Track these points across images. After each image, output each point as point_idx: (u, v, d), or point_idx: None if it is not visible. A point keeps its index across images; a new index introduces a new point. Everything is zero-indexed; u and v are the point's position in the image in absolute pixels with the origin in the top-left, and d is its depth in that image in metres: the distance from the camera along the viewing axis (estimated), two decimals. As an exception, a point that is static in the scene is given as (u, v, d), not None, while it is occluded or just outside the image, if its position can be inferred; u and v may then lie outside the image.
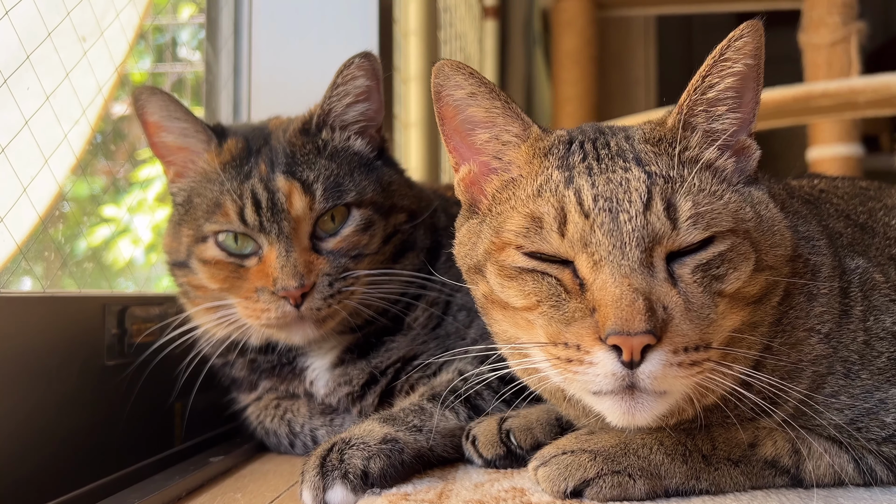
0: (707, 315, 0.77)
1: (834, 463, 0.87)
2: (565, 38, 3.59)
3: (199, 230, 1.20)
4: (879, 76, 2.24)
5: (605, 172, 0.82)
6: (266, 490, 1.06)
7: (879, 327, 0.90)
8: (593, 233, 0.78)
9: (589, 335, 0.76)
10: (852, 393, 0.88)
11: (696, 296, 0.77)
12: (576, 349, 0.77)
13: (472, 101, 0.88)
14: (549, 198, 0.82)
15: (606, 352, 0.75)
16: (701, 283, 0.78)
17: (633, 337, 0.73)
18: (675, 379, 0.75)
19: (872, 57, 3.59)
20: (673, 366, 0.74)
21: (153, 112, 1.21)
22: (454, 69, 0.87)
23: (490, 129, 0.89)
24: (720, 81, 0.85)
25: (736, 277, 0.79)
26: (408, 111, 2.44)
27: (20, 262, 1.18)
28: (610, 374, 0.75)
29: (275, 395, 1.30)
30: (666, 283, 0.77)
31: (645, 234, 0.77)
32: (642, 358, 0.74)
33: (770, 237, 0.83)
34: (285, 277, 1.13)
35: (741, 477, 0.86)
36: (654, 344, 0.73)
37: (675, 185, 0.80)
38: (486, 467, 1.03)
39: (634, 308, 0.73)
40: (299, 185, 1.18)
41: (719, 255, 0.79)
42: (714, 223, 0.79)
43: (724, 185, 0.83)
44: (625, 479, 0.84)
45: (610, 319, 0.74)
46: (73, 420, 1.15)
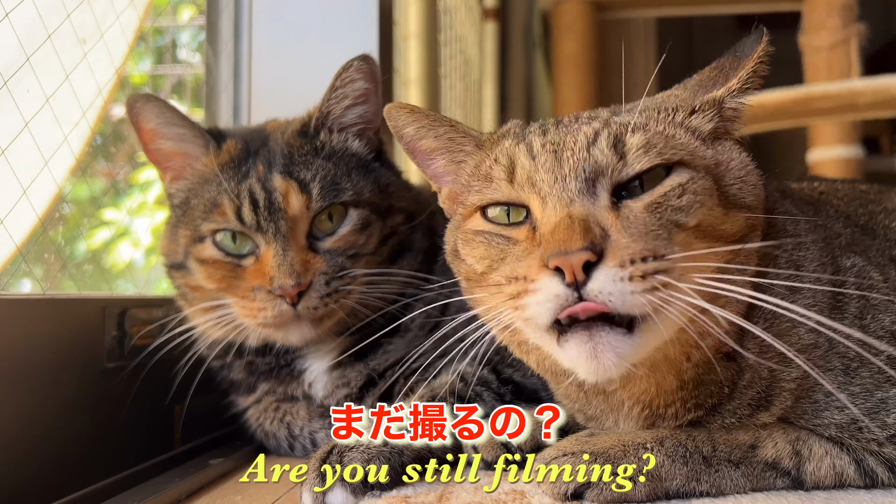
0: (655, 232, 0.77)
1: (835, 464, 0.87)
2: (565, 41, 3.59)
3: (196, 230, 1.20)
4: (879, 78, 2.24)
5: (559, 130, 0.86)
6: (266, 492, 1.06)
7: (878, 326, 0.89)
8: (537, 172, 0.82)
9: (535, 265, 0.77)
10: (852, 391, 0.87)
11: (642, 218, 0.78)
12: (523, 280, 0.78)
13: (422, 134, 0.95)
14: (501, 159, 0.87)
15: (551, 276, 0.75)
16: (654, 211, 0.78)
17: (572, 255, 0.73)
18: (632, 295, 0.72)
19: (872, 59, 3.59)
20: (623, 280, 0.72)
21: (149, 119, 1.21)
22: (398, 109, 0.94)
23: (445, 155, 0.96)
24: (751, 86, 0.89)
25: (700, 211, 0.79)
26: (408, 113, 2.43)
27: (20, 264, 1.18)
28: (553, 295, 0.74)
29: (274, 397, 1.30)
30: (606, 209, 0.78)
31: (585, 166, 0.80)
32: (588, 277, 0.73)
33: (743, 177, 0.85)
34: (282, 276, 1.13)
35: (742, 479, 0.86)
36: (594, 261, 0.73)
37: (632, 126, 0.83)
38: (486, 470, 1.03)
39: (571, 229, 0.75)
40: (296, 185, 1.18)
41: (678, 186, 0.80)
42: (665, 152, 0.81)
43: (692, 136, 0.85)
44: (625, 481, 0.84)
45: (550, 244, 0.75)
46: (73, 422, 1.15)
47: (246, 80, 1.85)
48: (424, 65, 2.45)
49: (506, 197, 0.85)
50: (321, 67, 1.79)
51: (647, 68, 4.75)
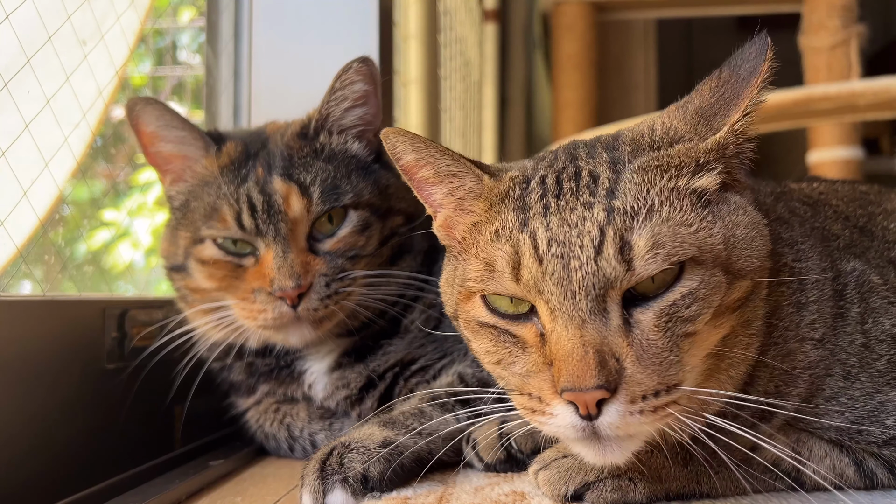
0: (667, 359, 0.74)
1: (835, 466, 0.87)
2: (565, 42, 3.60)
3: (196, 233, 1.20)
4: (880, 79, 2.24)
5: (562, 211, 0.78)
6: (266, 494, 1.06)
7: (878, 330, 0.89)
8: (545, 281, 0.76)
9: (548, 388, 0.76)
10: (852, 395, 0.87)
11: (654, 342, 0.74)
12: (538, 401, 0.77)
13: (421, 164, 0.89)
14: (503, 243, 0.80)
15: (564, 405, 0.74)
16: (664, 328, 0.75)
17: (586, 393, 0.72)
18: (638, 425, 0.74)
19: (873, 60, 3.59)
20: (634, 414, 0.73)
21: (149, 122, 1.21)
22: (396, 135, 0.88)
23: (445, 187, 0.90)
24: (756, 112, 0.80)
25: (709, 314, 0.76)
26: (408, 115, 2.44)
27: (20, 266, 1.18)
28: (570, 426, 0.75)
29: (274, 398, 1.30)
30: (619, 332, 0.74)
31: (595, 281, 0.74)
32: (599, 410, 0.73)
33: (749, 243, 0.80)
34: (282, 278, 1.14)
35: (742, 481, 0.85)
36: (608, 397, 0.72)
37: (639, 218, 0.76)
38: (486, 471, 1.03)
39: (585, 363, 0.72)
40: (296, 188, 1.18)
41: (689, 293, 0.75)
42: (677, 252, 0.75)
43: (701, 208, 0.78)
44: (625, 483, 0.84)
45: (563, 375, 0.73)
46: (73, 424, 1.15)
47: (246, 82, 1.85)
48: (424, 66, 2.45)
49: (510, 293, 0.80)
50: (321, 68, 1.79)
51: (647, 69, 4.75)
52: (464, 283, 0.85)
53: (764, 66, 0.79)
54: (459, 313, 0.88)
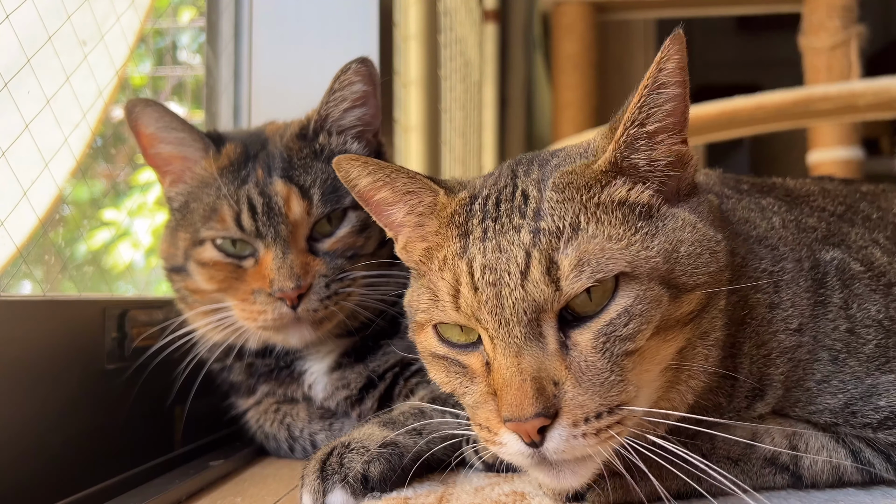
0: (607, 380, 0.74)
1: (831, 457, 0.87)
2: (565, 42, 3.60)
3: (195, 234, 1.20)
4: (879, 79, 2.24)
5: (497, 236, 0.78)
6: (266, 494, 1.06)
7: (864, 315, 0.90)
8: (481, 311, 0.77)
9: (494, 418, 0.76)
10: (842, 378, 0.88)
11: (593, 364, 0.74)
12: (488, 430, 0.78)
13: (377, 186, 0.89)
14: (447, 272, 0.81)
15: (510, 434, 0.75)
16: (602, 348, 0.74)
17: (525, 423, 0.72)
18: (584, 449, 0.74)
19: (873, 60, 3.59)
20: (577, 438, 0.73)
21: (148, 124, 1.21)
22: (349, 162, 0.89)
23: (403, 206, 0.90)
24: (657, 110, 0.79)
25: (649, 329, 0.75)
26: (408, 115, 2.44)
27: (20, 266, 1.18)
28: (518, 453, 0.75)
29: (274, 399, 1.30)
30: (556, 357, 0.74)
31: (526, 306, 0.74)
32: (543, 437, 0.73)
33: (695, 259, 0.79)
34: (282, 279, 1.14)
35: (741, 476, 0.85)
36: (548, 424, 0.73)
37: (562, 238, 0.76)
38: (486, 471, 1.03)
39: (522, 392, 0.72)
40: (297, 190, 1.18)
41: (624, 311, 0.75)
42: (604, 268, 0.74)
43: (634, 221, 0.78)
44: (626, 482, 0.84)
45: (504, 405, 0.74)
46: (73, 424, 1.15)
47: (246, 82, 1.85)
48: (425, 66, 2.46)
49: (454, 321, 0.81)
50: (322, 69, 1.79)
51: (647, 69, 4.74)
52: (415, 314, 0.87)
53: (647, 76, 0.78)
54: (416, 343, 0.89)
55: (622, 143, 0.80)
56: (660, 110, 0.79)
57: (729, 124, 2.44)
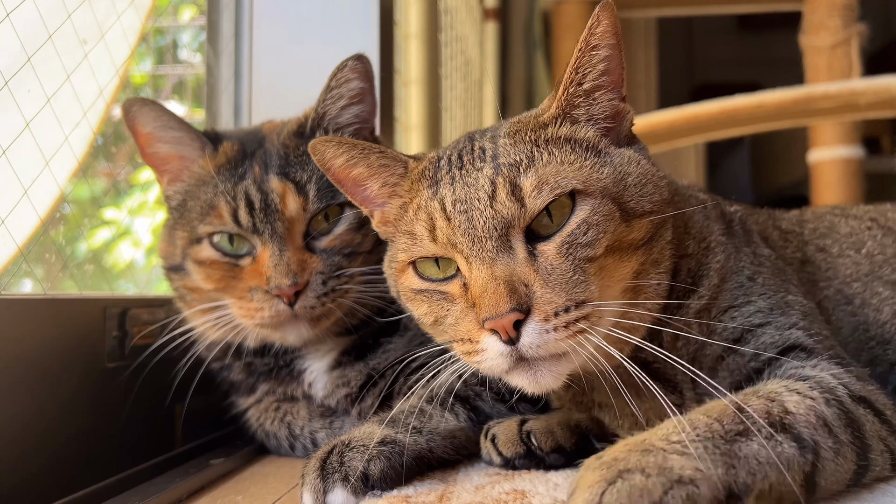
0: (572, 278, 0.84)
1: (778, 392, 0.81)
2: (566, 41, 3.59)
3: (193, 232, 1.20)
4: (880, 78, 2.24)
5: (463, 178, 0.90)
6: (266, 492, 1.06)
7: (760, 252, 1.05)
8: (455, 235, 0.88)
9: (475, 326, 0.86)
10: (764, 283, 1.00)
11: (558, 266, 0.84)
12: (469, 342, 0.86)
13: (352, 164, 0.99)
14: (421, 214, 0.92)
15: (489, 336, 0.84)
16: (566, 253, 0.84)
17: (502, 318, 0.81)
18: (557, 342, 0.82)
19: (873, 59, 3.59)
20: (549, 332, 0.81)
21: (146, 123, 1.21)
22: (325, 143, 0.98)
23: (377, 179, 1.00)
24: (591, 70, 0.92)
25: (606, 238, 0.86)
26: (408, 114, 2.44)
27: (21, 265, 1.18)
28: (499, 354, 0.83)
29: (274, 397, 1.30)
30: (525, 263, 0.85)
31: (496, 223, 0.85)
32: (519, 333, 0.82)
33: (641, 188, 0.90)
34: (278, 276, 1.14)
35: (762, 449, 0.72)
36: (523, 319, 0.81)
37: (521, 166, 0.88)
38: (504, 467, 1.03)
39: (497, 293, 0.82)
40: (293, 186, 1.18)
41: (582, 221, 0.85)
42: (560, 185, 0.86)
43: (582, 153, 0.90)
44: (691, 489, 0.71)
45: (482, 308, 0.83)
46: (74, 423, 1.15)
47: (247, 80, 1.85)
48: (425, 65, 2.46)
49: (432, 253, 0.91)
50: (322, 67, 1.78)
51: (647, 67, 4.75)
52: (395, 258, 0.97)
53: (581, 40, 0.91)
54: (399, 288, 0.98)
55: (563, 101, 0.93)
56: (594, 70, 0.92)
57: (729, 123, 2.44)
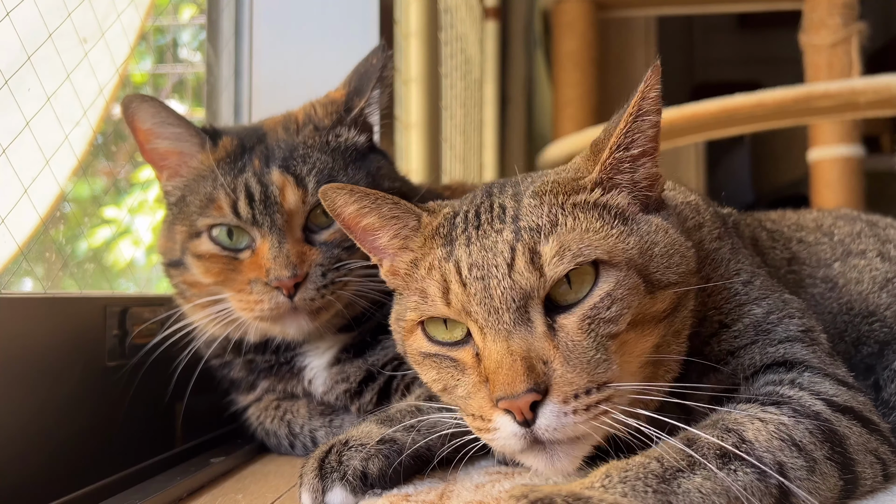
0: (594, 357, 0.79)
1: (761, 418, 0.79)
2: (566, 40, 3.59)
3: (192, 226, 1.21)
4: (880, 77, 2.24)
5: (480, 239, 0.85)
6: (267, 491, 1.06)
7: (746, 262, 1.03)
8: (470, 303, 0.82)
9: (487, 404, 0.80)
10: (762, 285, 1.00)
11: (579, 343, 0.79)
12: (481, 419, 0.81)
13: (362, 213, 0.95)
14: (434, 274, 0.87)
15: (503, 416, 0.78)
16: (587, 329, 0.80)
17: (518, 399, 0.76)
18: (574, 426, 0.77)
19: (873, 58, 3.59)
20: (568, 414, 0.76)
21: (145, 119, 1.21)
22: (336, 191, 0.93)
23: (388, 231, 0.95)
24: (641, 135, 0.87)
25: (630, 313, 0.81)
26: (408, 113, 2.44)
27: (21, 263, 1.18)
28: (511, 435, 0.78)
29: (274, 395, 1.30)
30: (545, 338, 0.79)
31: (514, 294, 0.80)
32: (535, 414, 0.77)
33: (668, 259, 0.86)
34: (278, 268, 1.14)
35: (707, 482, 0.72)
36: (540, 400, 0.76)
37: (542, 232, 0.82)
38: (502, 465, 1.03)
39: (514, 371, 0.76)
40: (293, 179, 1.18)
41: (606, 294, 0.81)
42: (584, 253, 0.81)
43: (610, 220, 0.85)
44: None
45: (496, 386, 0.77)
46: (74, 421, 1.15)
47: (247, 79, 1.85)
48: (425, 63, 2.45)
49: (444, 315, 0.86)
50: (322, 66, 1.79)
51: (647, 67, 4.74)
52: (403, 315, 0.92)
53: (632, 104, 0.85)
54: (406, 348, 0.94)
55: (608, 166, 0.87)
56: (643, 136, 0.87)
57: (729, 121, 2.44)
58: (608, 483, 0.71)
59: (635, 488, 0.71)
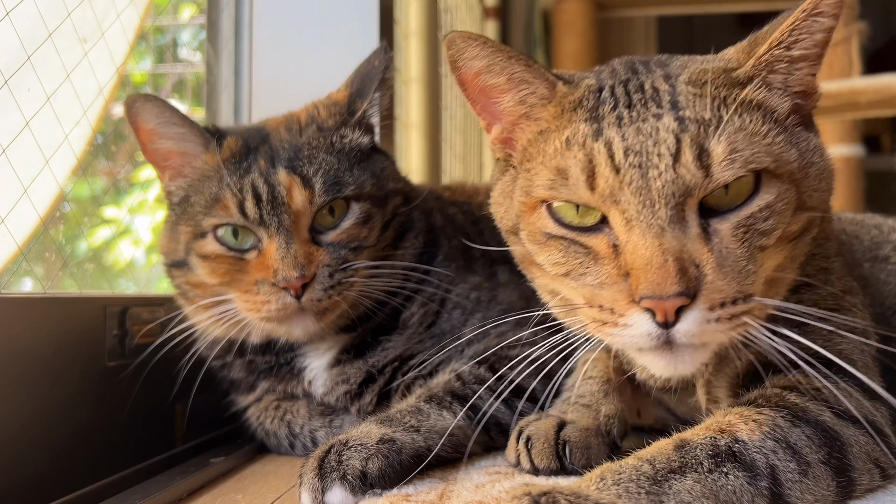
0: (745, 268, 0.76)
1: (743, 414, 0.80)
2: (566, 40, 3.59)
3: (198, 226, 1.20)
4: (880, 77, 2.24)
5: (635, 122, 0.78)
6: (267, 491, 1.06)
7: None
8: (622, 191, 0.76)
9: (622, 298, 0.76)
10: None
11: (732, 251, 0.76)
12: (610, 312, 0.77)
13: (491, 70, 0.87)
14: (576, 151, 0.80)
15: (641, 313, 0.75)
16: (742, 238, 0.76)
17: (667, 300, 0.73)
18: (712, 334, 0.75)
19: (873, 57, 3.59)
20: (710, 322, 0.74)
21: (148, 119, 1.21)
22: (466, 41, 0.85)
23: (514, 94, 0.88)
24: (808, 37, 0.80)
25: (781, 229, 0.78)
26: (408, 112, 2.44)
27: (21, 263, 1.18)
28: (645, 334, 0.75)
29: (274, 396, 1.30)
30: (699, 240, 0.75)
31: (675, 188, 0.75)
32: (677, 318, 0.74)
33: (819, 181, 0.82)
34: (286, 268, 1.14)
35: (697, 485, 0.71)
36: (687, 304, 0.73)
37: (710, 127, 0.76)
38: (533, 475, 0.98)
39: (665, 271, 0.73)
40: (299, 180, 1.18)
41: (766, 206, 0.77)
42: (755, 160, 0.76)
43: (773, 126, 0.79)
44: None
45: (642, 283, 0.73)
46: (74, 421, 1.15)
47: (247, 79, 1.85)
48: (425, 63, 2.45)
49: (584, 201, 0.79)
50: (322, 66, 1.79)
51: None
52: (529, 192, 0.84)
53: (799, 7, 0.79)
54: (522, 226, 0.87)
55: (763, 62, 0.81)
56: (809, 38, 0.80)
57: (729, 121, 2.43)
58: (602, 486, 0.71)
59: (629, 490, 0.70)
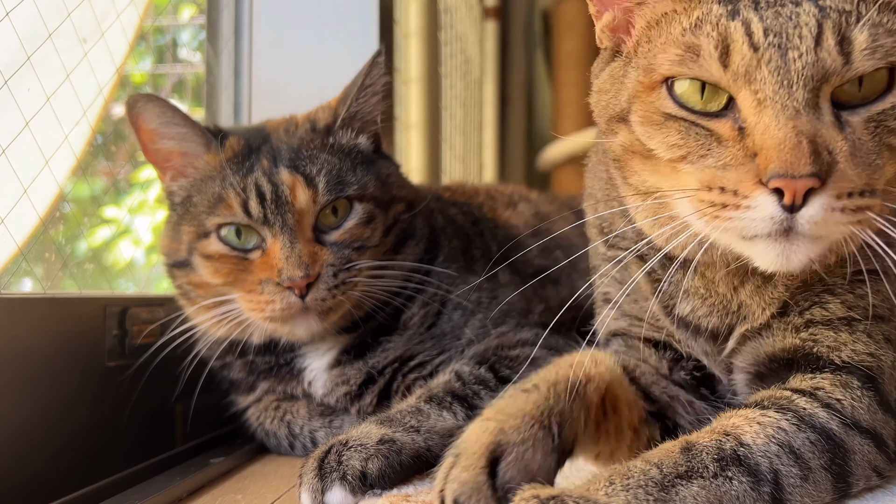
0: (874, 162, 0.76)
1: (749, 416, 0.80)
2: (566, 40, 3.59)
3: (201, 226, 1.20)
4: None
5: (773, 6, 0.77)
6: (267, 491, 1.06)
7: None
8: (759, 69, 0.75)
9: (748, 179, 0.75)
10: None
11: (864, 143, 0.76)
12: (732, 194, 0.76)
13: None
14: (709, 30, 0.78)
15: (767, 195, 0.74)
16: (873, 132, 0.76)
17: (798, 180, 0.72)
18: (834, 225, 0.74)
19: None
20: (835, 211, 0.73)
21: (150, 119, 1.21)
22: None
23: None
24: None
25: None
26: (408, 113, 2.44)
27: (21, 264, 1.18)
28: (768, 217, 0.74)
29: (274, 396, 1.30)
30: (833, 127, 0.75)
31: (814, 72, 0.74)
32: (804, 202, 0.73)
33: None
34: (291, 268, 1.14)
35: (703, 491, 0.72)
36: (817, 188, 0.72)
37: (852, 17, 0.75)
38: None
39: (799, 150, 0.72)
40: (302, 179, 1.18)
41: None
42: (893, 53, 0.75)
43: None
44: None
45: (773, 162, 0.72)
46: (75, 421, 1.15)
47: (246, 79, 1.85)
48: (425, 63, 2.46)
49: (713, 79, 0.78)
50: (322, 66, 1.79)
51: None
52: (651, 69, 0.83)
53: None
54: (635, 108, 0.85)
55: None
56: None
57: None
58: (612, 491, 0.71)
59: (637, 496, 0.70)
